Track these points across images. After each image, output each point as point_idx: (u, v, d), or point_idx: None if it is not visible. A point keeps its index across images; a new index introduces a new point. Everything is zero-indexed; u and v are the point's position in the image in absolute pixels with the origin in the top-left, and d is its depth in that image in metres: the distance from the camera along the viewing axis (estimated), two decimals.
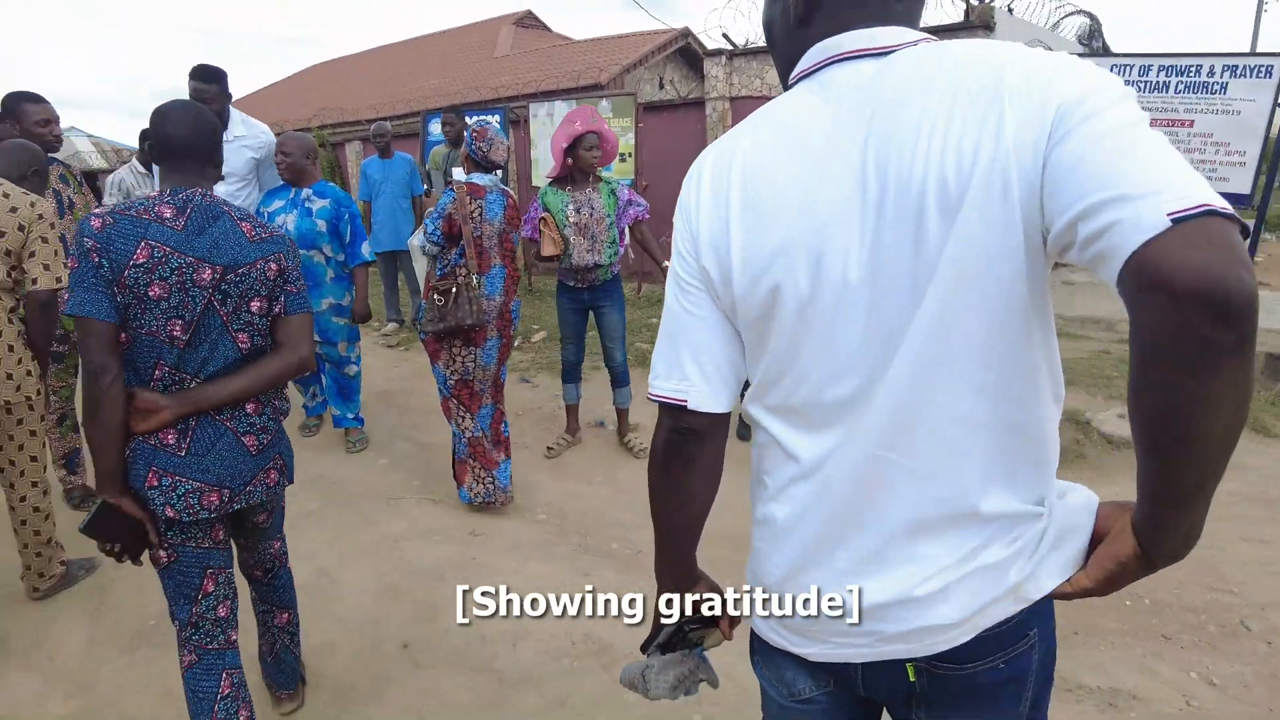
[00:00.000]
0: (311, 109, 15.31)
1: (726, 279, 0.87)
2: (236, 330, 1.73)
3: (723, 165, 0.89)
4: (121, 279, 1.60)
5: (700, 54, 13.88)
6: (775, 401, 0.90)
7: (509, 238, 3.26)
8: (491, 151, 3.14)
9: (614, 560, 2.97)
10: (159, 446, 1.68)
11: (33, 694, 2.31)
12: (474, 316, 3.08)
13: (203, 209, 1.72)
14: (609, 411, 4.45)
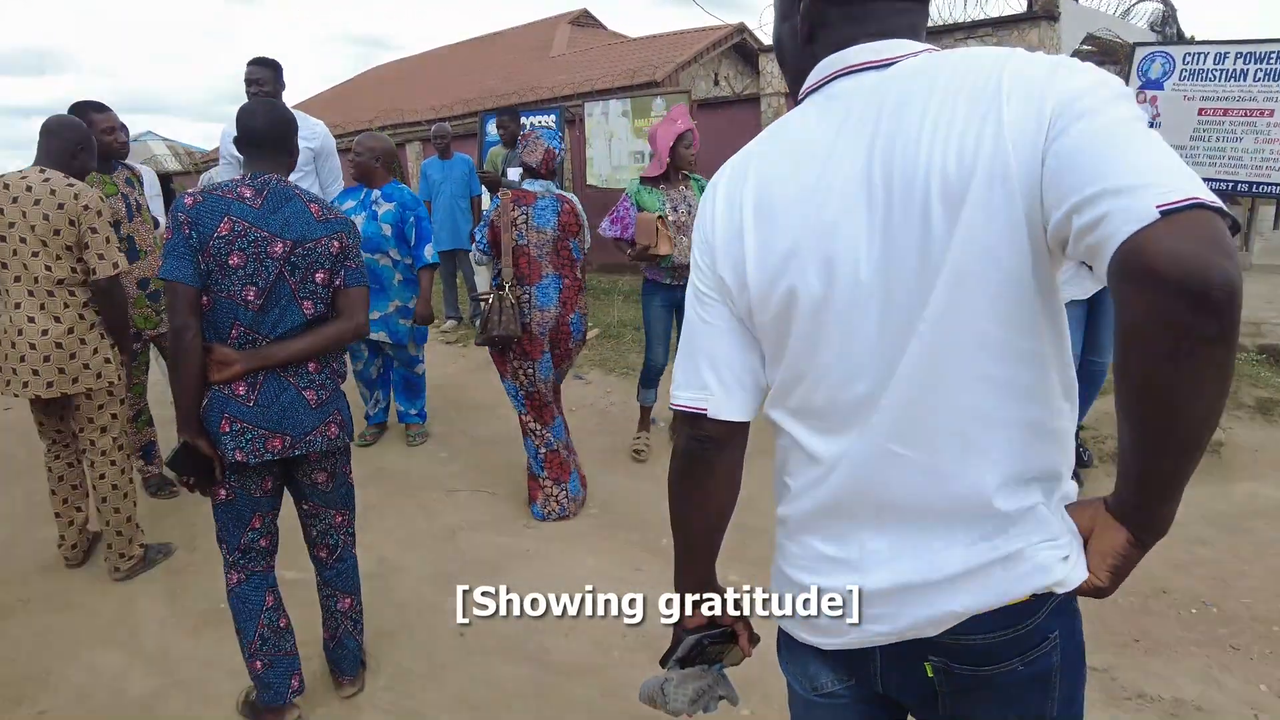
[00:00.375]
0: (373, 110, 15.70)
1: (742, 286, 0.90)
2: (303, 298, 1.99)
3: (737, 178, 0.93)
4: (207, 248, 1.88)
5: (756, 50, 13.80)
6: (795, 404, 0.92)
7: (565, 245, 3.15)
8: (525, 154, 3.12)
9: (665, 556, 2.99)
10: (231, 397, 1.94)
11: (115, 670, 2.46)
12: (504, 328, 3.01)
13: (278, 191, 1.98)
14: (659, 408, 4.48)
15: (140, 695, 2.35)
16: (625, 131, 7.76)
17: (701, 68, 13.62)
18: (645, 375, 3.95)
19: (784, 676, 1.09)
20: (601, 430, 4.28)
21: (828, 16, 0.89)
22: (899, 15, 0.88)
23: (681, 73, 12.61)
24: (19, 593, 2.89)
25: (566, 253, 3.17)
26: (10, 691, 2.36)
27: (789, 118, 0.92)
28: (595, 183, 8.31)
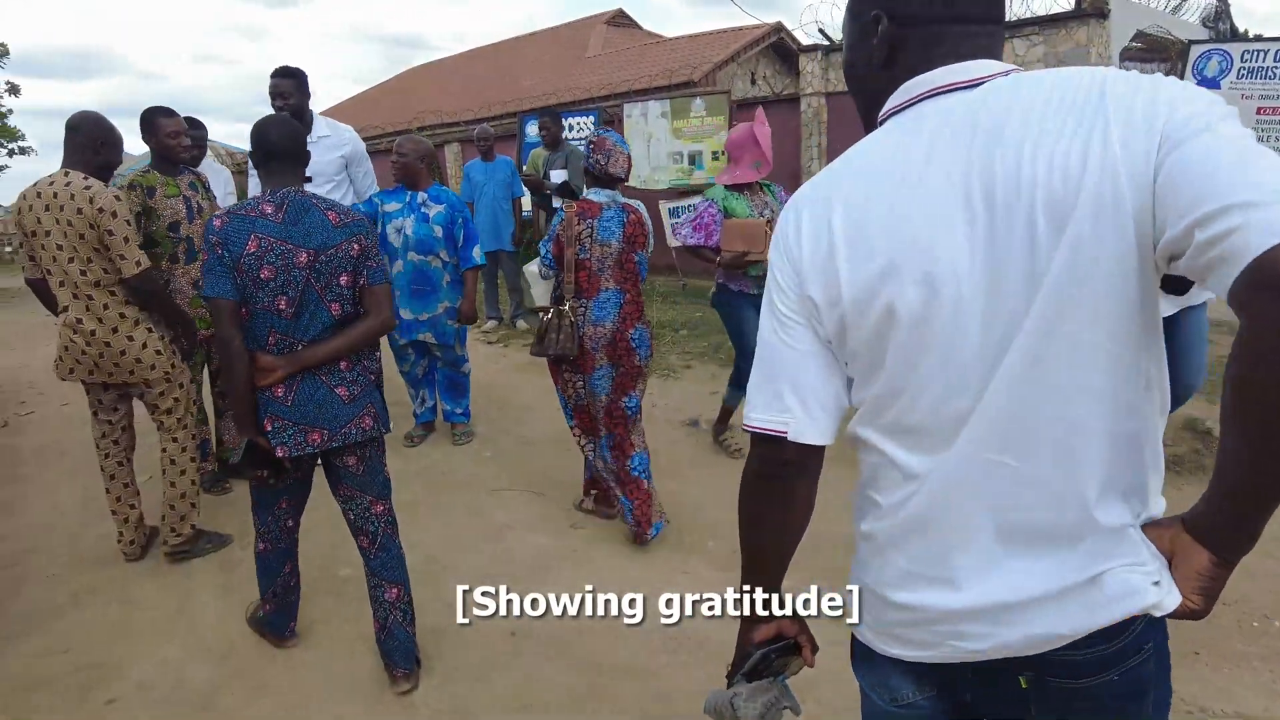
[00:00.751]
0: (411, 112, 15.89)
1: (834, 306, 0.90)
2: (330, 301, 2.15)
3: (820, 200, 0.92)
4: (239, 265, 2.06)
5: (794, 49, 13.73)
6: (889, 421, 0.92)
7: (630, 258, 3.00)
8: (610, 164, 2.93)
9: (710, 557, 3.01)
10: (270, 398, 2.14)
11: (176, 661, 2.53)
12: (560, 346, 2.94)
13: (296, 203, 2.14)
14: (701, 410, 4.49)
15: (201, 686, 2.42)
16: (664, 132, 7.77)
17: (739, 67, 13.59)
18: (740, 379, 3.87)
19: (858, 684, 1.10)
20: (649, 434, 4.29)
21: (908, 41, 0.90)
22: (979, 37, 0.90)
23: (719, 72, 12.60)
24: (86, 583, 2.99)
25: (631, 266, 3.01)
26: (82, 678, 2.45)
27: (872, 140, 0.93)
28: (634, 184, 8.32)
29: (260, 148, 2.19)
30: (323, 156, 3.79)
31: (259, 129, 2.20)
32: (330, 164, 3.89)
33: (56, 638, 2.67)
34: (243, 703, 2.34)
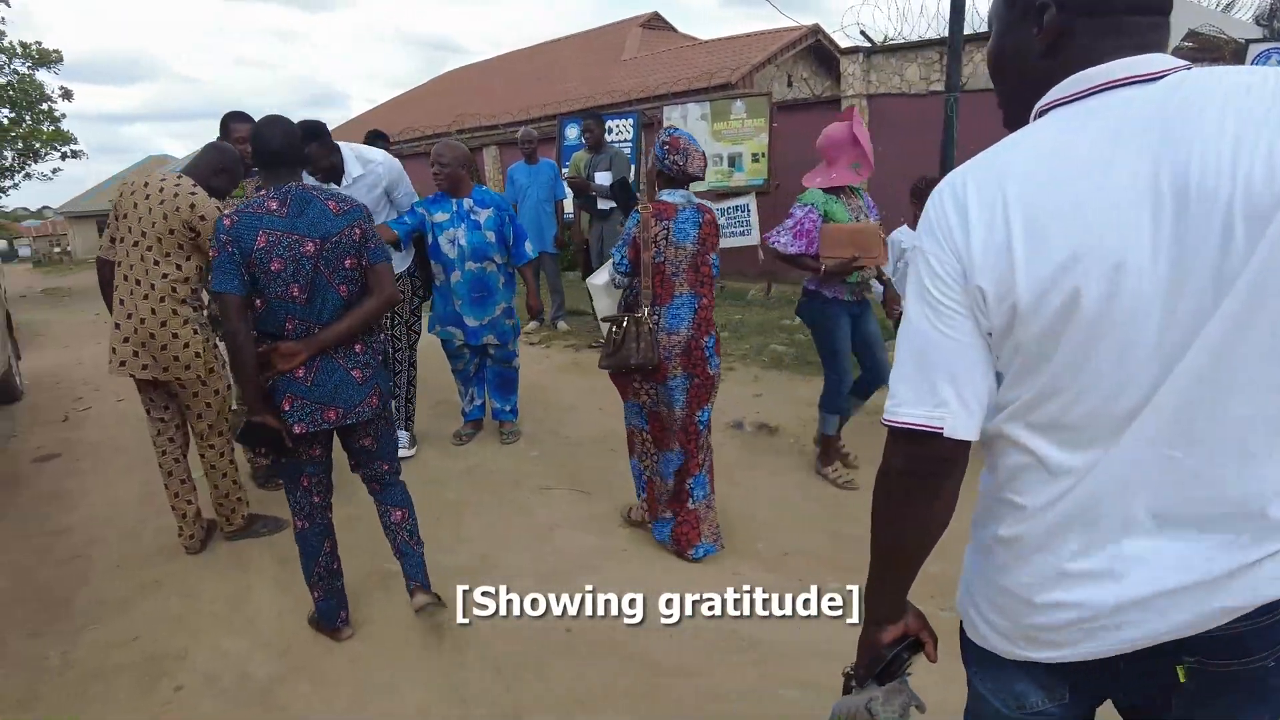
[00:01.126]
0: (449, 115, 16.06)
1: (1006, 298, 0.87)
2: (338, 284, 2.36)
3: (988, 186, 0.89)
4: (250, 260, 2.25)
5: (832, 51, 13.64)
6: (1044, 418, 0.91)
7: (705, 260, 2.89)
8: (689, 163, 2.83)
9: (760, 560, 3.01)
10: (292, 379, 2.35)
11: (239, 654, 2.59)
12: (641, 355, 2.80)
13: (298, 196, 2.33)
14: (744, 413, 4.49)
15: (264, 679, 2.47)
16: (704, 134, 7.76)
17: (776, 69, 13.54)
18: (834, 401, 3.60)
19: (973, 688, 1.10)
20: None
21: (1077, 30, 0.89)
22: (1154, 30, 0.88)
23: (756, 74, 12.56)
24: (150, 576, 3.08)
25: (706, 269, 2.91)
26: (153, 667, 2.53)
27: (1043, 130, 0.91)
28: None
29: (263, 152, 2.36)
30: (363, 197, 3.72)
31: (260, 135, 2.36)
32: (372, 199, 3.80)
33: (125, 627, 2.75)
34: (303, 695, 2.39)
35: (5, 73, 15.85)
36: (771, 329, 6.45)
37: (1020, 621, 0.97)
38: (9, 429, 5.09)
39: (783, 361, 5.46)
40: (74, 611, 2.87)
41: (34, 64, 16.12)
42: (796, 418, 4.42)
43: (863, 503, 1.04)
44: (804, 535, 3.18)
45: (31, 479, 4.17)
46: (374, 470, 2.62)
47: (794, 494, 3.55)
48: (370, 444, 2.56)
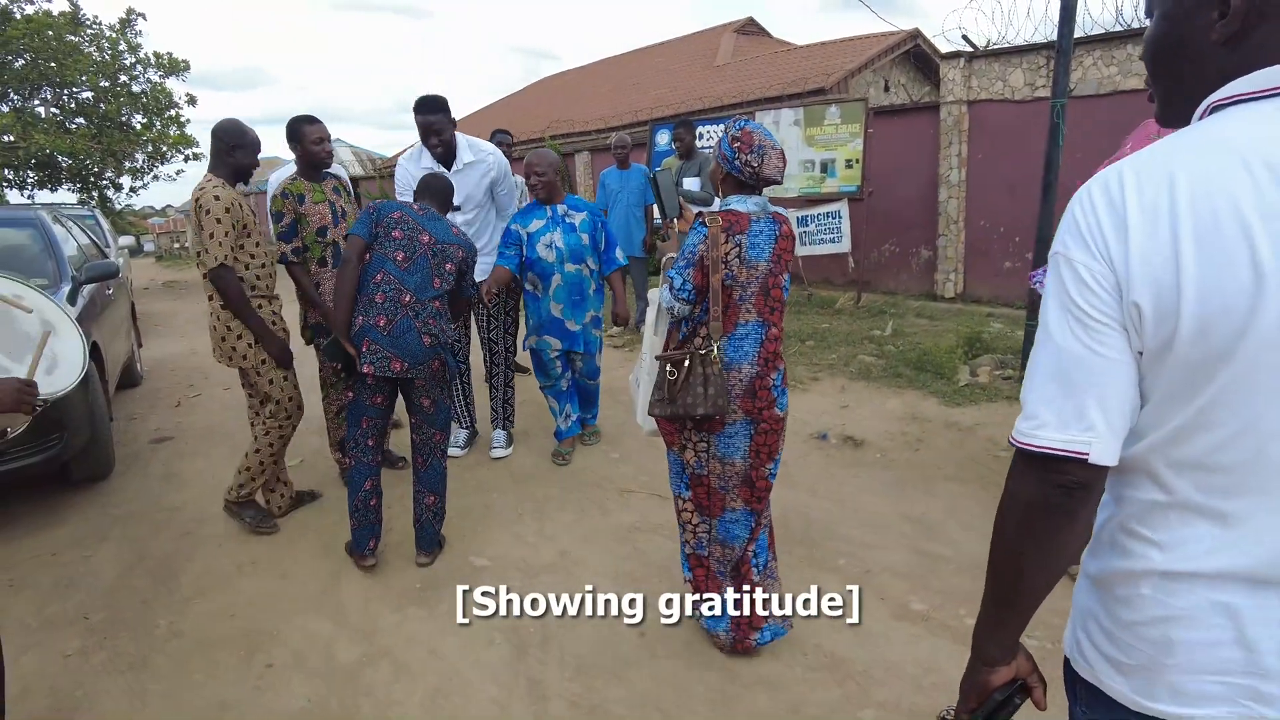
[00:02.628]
0: (543, 121, 16.39)
1: (1167, 315, 0.78)
2: (435, 276, 2.96)
3: (1154, 186, 0.79)
4: (381, 221, 2.95)
5: (932, 56, 13.27)
6: (1190, 455, 0.82)
7: (777, 282, 2.35)
8: (765, 165, 2.27)
9: (842, 576, 2.93)
10: (373, 326, 2.85)
11: (326, 636, 2.69)
12: (709, 403, 2.27)
13: (434, 215, 3.08)
14: (830, 424, 4.40)
15: (348, 661, 2.56)
16: (796, 140, 7.67)
17: (872, 74, 13.26)
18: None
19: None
20: None
21: (1271, 17, 0.80)
22: None
23: (851, 80, 12.33)
24: (249, 554, 3.24)
25: (778, 292, 2.37)
26: (248, 642, 2.65)
27: (1218, 127, 0.81)
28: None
29: (426, 192, 3.18)
30: (471, 184, 3.82)
31: (430, 186, 3.19)
32: (480, 189, 3.90)
33: (225, 603, 2.90)
34: (385, 681, 2.46)
35: (140, 81, 17.07)
36: (859, 339, 6.30)
37: (1159, 660, 0.88)
38: (130, 411, 5.45)
39: (871, 373, 5.32)
40: (181, 584, 3.04)
41: (165, 73, 17.29)
42: (884, 431, 4.30)
43: (953, 521, 0.98)
44: (889, 553, 3.08)
45: (148, 459, 4.45)
46: (425, 436, 3.04)
47: (880, 509, 3.45)
48: (429, 405, 3.00)
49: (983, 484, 3.64)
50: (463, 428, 4.28)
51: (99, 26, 16.48)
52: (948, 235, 8.22)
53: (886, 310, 7.46)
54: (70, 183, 16.95)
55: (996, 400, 4.67)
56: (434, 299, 2.94)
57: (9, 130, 14.94)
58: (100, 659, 2.59)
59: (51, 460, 3.48)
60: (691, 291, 2.30)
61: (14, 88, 15.51)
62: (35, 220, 4.67)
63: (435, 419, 3.04)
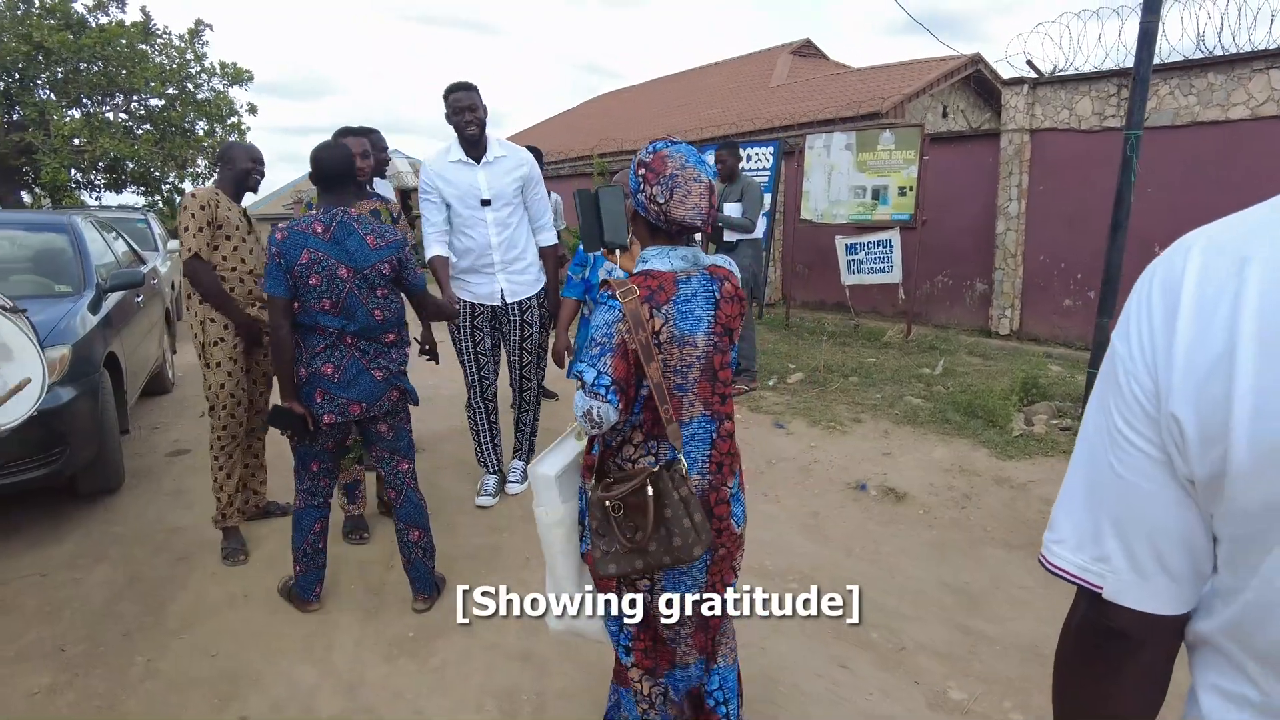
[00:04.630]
0: (595, 137, 16.33)
1: (1214, 437, 0.59)
2: (372, 308, 2.66)
3: (1223, 271, 0.60)
4: (294, 271, 2.57)
5: (994, 82, 12.84)
6: (1261, 644, 0.61)
7: (724, 360, 1.76)
8: (673, 202, 1.64)
9: (875, 652, 2.64)
10: (322, 376, 2.64)
11: (308, 686, 2.50)
12: (703, 537, 1.64)
13: (343, 225, 2.63)
14: (870, 473, 4.10)
15: (326, 717, 2.36)
16: (847, 165, 7.38)
17: (930, 99, 12.87)
18: None
19: None
20: (803, 490, 3.96)
21: None
22: None
23: (908, 104, 11.97)
24: (241, 586, 3.08)
25: (725, 372, 1.77)
26: (225, 687, 2.48)
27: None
28: (809, 217, 7.99)
29: (316, 172, 2.67)
30: (501, 178, 3.64)
31: (316, 156, 2.66)
32: (509, 186, 3.69)
33: (209, 638, 2.73)
34: None
35: (205, 89, 17.56)
36: (907, 378, 5.96)
37: None
38: (154, 420, 5.39)
39: (917, 417, 4.98)
40: (168, 615, 2.89)
41: (229, 82, 17.77)
42: (928, 484, 3.98)
43: (1000, 594, 0.75)
44: (927, 627, 2.78)
45: (161, 473, 4.35)
46: (392, 466, 2.85)
47: (919, 575, 3.14)
48: (387, 431, 2.81)
49: (1035, 552, 3.30)
50: (490, 472, 3.95)
51: (168, 36, 17.02)
52: (1004, 269, 7.83)
53: (937, 346, 7.09)
54: (134, 185, 17.46)
55: (1053, 454, 4.30)
56: (382, 332, 2.70)
57: (79, 134, 15.44)
58: (68, 699, 2.43)
59: (54, 474, 3.38)
60: (612, 388, 1.61)
61: (86, 93, 16.04)
62: (67, 225, 4.64)
63: (397, 445, 2.84)
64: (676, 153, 1.67)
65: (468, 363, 3.82)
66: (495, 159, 3.63)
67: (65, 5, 15.51)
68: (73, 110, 16.08)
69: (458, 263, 3.70)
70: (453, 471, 4.30)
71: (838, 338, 7.57)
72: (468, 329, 3.76)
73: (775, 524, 3.55)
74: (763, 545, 3.24)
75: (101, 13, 16.17)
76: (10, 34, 14.80)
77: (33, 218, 5.42)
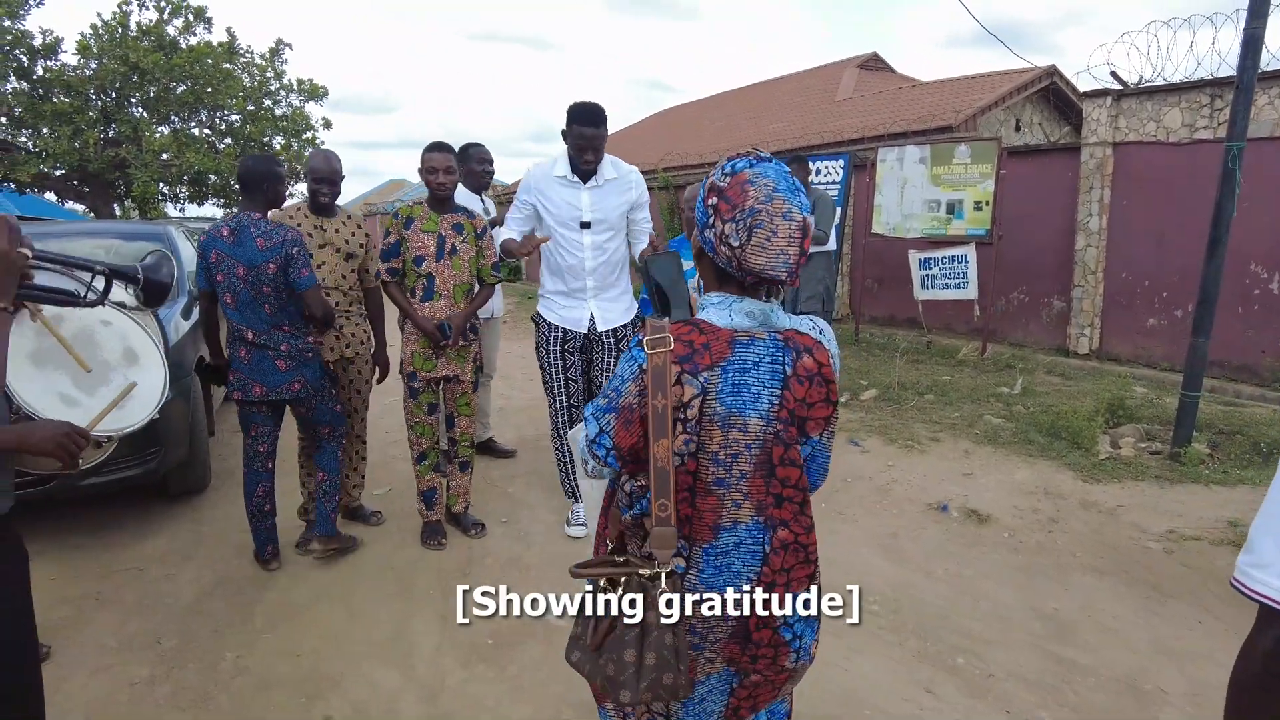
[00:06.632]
0: (659, 152, 16.40)
1: None
2: (261, 304, 3.04)
3: None
4: (209, 268, 3.05)
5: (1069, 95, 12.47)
6: None
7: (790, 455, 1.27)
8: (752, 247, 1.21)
9: (961, 678, 2.55)
10: (237, 357, 3.08)
11: (391, 689, 2.53)
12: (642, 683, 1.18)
13: (243, 229, 3.02)
14: (951, 494, 3.98)
15: None
16: (921, 179, 7.26)
17: (1002, 113, 12.57)
18: None
19: None
20: (881, 510, 3.86)
21: None
22: None
23: (980, 118, 11.72)
24: (322, 585, 3.15)
25: (792, 470, 1.28)
26: (310, 687, 2.52)
27: None
28: (881, 231, 7.87)
29: (238, 176, 3.17)
30: (607, 200, 3.39)
31: (247, 172, 3.10)
32: (614, 210, 3.42)
33: (293, 639, 2.79)
34: None
35: (283, 105, 18.25)
36: (985, 397, 5.79)
37: None
38: (235, 422, 5.55)
39: (998, 437, 4.83)
40: (254, 614, 2.96)
41: (306, 97, 18.43)
42: (1011, 507, 3.85)
43: (1090, 622, 0.70)
44: (1015, 654, 2.67)
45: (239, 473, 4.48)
46: (312, 433, 3.35)
47: (1004, 600, 3.03)
48: (305, 413, 3.26)
49: (1128, 580, 3.16)
50: (578, 501, 3.68)
51: (251, 55, 17.74)
52: (1084, 286, 7.56)
53: (1014, 364, 6.88)
54: (215, 198, 18.22)
55: (1143, 479, 4.12)
56: (275, 325, 3.06)
57: (168, 149, 16.19)
58: (165, 691, 2.51)
59: (149, 473, 3.52)
60: (612, 453, 1.31)
61: (175, 111, 16.84)
62: (163, 234, 4.86)
63: (318, 421, 3.26)
64: (762, 178, 1.23)
65: (556, 387, 3.55)
66: (606, 182, 3.40)
67: (159, 27, 16.34)
68: (162, 127, 16.88)
69: (549, 284, 3.54)
70: (524, 481, 4.34)
71: (910, 354, 7.41)
72: (558, 354, 3.52)
73: (852, 544, 3.48)
74: (839, 565, 3.17)
75: (190, 34, 16.97)
76: (110, 56, 15.63)
77: (129, 227, 5.67)
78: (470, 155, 4.44)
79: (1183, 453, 4.26)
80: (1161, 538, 3.50)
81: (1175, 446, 4.34)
